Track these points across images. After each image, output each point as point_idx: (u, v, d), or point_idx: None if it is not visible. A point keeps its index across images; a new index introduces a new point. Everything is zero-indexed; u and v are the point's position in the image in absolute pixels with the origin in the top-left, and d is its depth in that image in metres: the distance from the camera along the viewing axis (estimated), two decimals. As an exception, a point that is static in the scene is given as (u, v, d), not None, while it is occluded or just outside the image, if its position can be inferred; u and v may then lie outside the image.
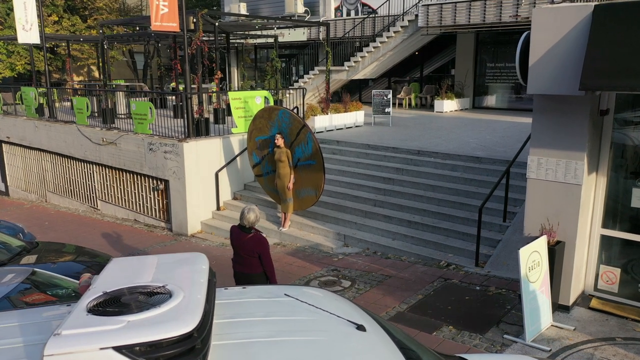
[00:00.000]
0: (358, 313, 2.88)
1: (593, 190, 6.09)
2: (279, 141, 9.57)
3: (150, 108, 11.43)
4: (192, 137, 11.05)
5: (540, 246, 5.67)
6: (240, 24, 17.31)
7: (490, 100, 19.39)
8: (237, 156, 11.54)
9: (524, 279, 5.45)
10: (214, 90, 17.87)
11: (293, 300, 2.80)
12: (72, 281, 5.45)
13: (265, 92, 12.17)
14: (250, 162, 10.74)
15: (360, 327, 2.58)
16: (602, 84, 5.06)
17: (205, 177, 11.12)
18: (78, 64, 29.72)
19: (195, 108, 11.53)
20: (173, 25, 10.68)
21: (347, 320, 2.59)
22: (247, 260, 5.67)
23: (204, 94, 12.06)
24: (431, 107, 19.77)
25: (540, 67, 5.56)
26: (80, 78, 31.24)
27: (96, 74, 35.18)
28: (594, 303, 6.15)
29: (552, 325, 5.79)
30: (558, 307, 6.06)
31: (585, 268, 6.30)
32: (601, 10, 5.15)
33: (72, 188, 14.72)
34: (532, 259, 5.55)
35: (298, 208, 10.04)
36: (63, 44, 25.83)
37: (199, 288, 2.31)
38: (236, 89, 22.86)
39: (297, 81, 22.46)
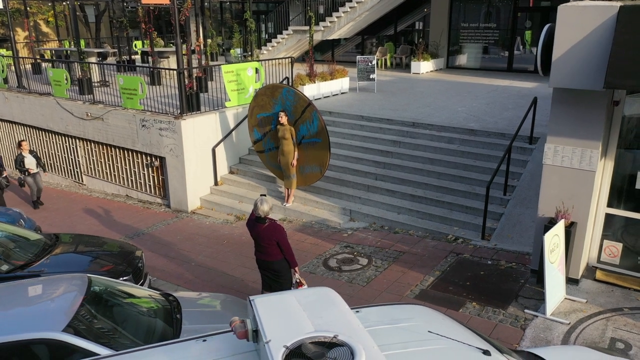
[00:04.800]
0: (469, 333, 3.22)
1: (601, 174, 6.60)
2: (283, 119, 9.60)
3: (140, 83, 11.09)
4: (187, 113, 10.88)
5: (559, 229, 6.19)
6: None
7: (463, 59, 19.76)
8: (232, 130, 11.49)
9: (546, 261, 5.97)
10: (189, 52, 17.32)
11: (416, 326, 3.10)
12: (141, 289, 5.54)
13: (256, 64, 12.01)
14: (251, 138, 10.75)
15: (486, 352, 2.92)
16: (626, 84, 5.44)
17: (202, 153, 11.06)
18: (25, 19, 27.74)
19: (187, 82, 11.28)
20: (163, -3, 10.26)
21: (476, 347, 2.92)
22: (267, 249, 5.96)
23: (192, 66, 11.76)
24: (407, 67, 19.98)
25: (563, 62, 5.86)
26: (26, 34, 29.28)
27: (44, 28, 33.05)
28: (598, 275, 6.80)
29: (566, 299, 6.41)
30: (568, 281, 6.68)
31: (590, 243, 6.91)
32: (627, 11, 5.45)
33: (52, 162, 14.24)
34: (553, 242, 6.06)
35: (302, 184, 10.23)
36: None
37: (366, 336, 2.56)
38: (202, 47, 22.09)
39: (269, 40, 22.00)
